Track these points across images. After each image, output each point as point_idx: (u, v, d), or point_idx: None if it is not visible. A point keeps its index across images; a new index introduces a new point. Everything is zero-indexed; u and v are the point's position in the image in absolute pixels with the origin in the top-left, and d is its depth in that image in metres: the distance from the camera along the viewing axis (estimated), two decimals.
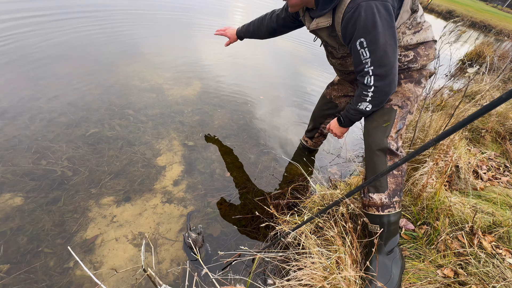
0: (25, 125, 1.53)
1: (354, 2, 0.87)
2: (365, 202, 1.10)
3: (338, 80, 1.52)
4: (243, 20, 4.71)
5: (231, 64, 2.93)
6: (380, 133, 1.07)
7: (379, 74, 0.94)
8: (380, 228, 1.05)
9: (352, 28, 0.90)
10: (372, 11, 0.85)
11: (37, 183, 1.27)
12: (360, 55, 0.93)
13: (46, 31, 2.48)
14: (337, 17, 0.95)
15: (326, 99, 1.59)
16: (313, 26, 1.06)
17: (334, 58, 1.25)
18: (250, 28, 1.52)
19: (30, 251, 1.04)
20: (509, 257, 1.10)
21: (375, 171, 1.05)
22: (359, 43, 0.91)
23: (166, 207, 1.33)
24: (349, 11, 0.88)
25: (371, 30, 0.87)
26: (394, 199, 1.05)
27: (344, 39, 0.97)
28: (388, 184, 1.05)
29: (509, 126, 2.37)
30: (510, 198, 1.53)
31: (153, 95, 2.06)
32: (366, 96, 1.01)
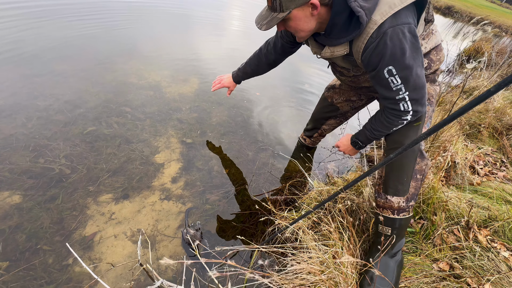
0: (22, 123, 1.53)
1: (379, 31, 0.79)
2: (381, 203, 1.06)
3: (340, 85, 1.48)
4: (240, 15, 4.69)
5: (229, 61, 2.92)
6: (413, 133, 1.00)
7: (416, 98, 0.89)
8: (391, 230, 1.04)
9: (377, 58, 0.83)
10: (398, 37, 0.79)
11: (35, 181, 1.27)
12: (390, 82, 0.86)
13: (40, 28, 2.46)
14: (357, 46, 0.87)
15: (327, 102, 1.56)
16: (327, 55, 0.97)
17: (344, 76, 1.18)
18: (248, 70, 1.46)
19: (29, 249, 1.05)
20: (504, 251, 1.12)
21: (401, 172, 1.00)
22: (387, 71, 0.84)
23: (165, 204, 1.34)
24: (373, 41, 0.81)
25: (400, 57, 0.81)
26: (410, 203, 1.04)
27: (367, 67, 0.90)
28: (409, 188, 1.02)
29: (506, 122, 2.39)
30: (506, 193, 1.54)
31: (151, 93, 2.06)
32: (404, 120, 0.95)
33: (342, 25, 0.84)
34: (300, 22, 0.86)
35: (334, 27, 0.86)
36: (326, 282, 0.84)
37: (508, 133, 2.33)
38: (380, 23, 0.78)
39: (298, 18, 0.84)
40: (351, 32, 0.83)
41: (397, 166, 1.01)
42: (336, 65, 1.12)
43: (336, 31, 0.86)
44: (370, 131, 1.07)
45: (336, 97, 1.50)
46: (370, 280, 0.96)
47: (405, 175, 1.00)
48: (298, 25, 0.87)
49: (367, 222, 1.23)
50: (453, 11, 16.85)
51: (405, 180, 1.01)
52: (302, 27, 0.88)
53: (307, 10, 0.82)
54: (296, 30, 0.90)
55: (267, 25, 0.86)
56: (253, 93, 2.43)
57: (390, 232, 1.04)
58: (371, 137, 1.08)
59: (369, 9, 0.77)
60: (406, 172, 1.00)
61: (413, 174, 1.01)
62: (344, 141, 1.22)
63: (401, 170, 1.00)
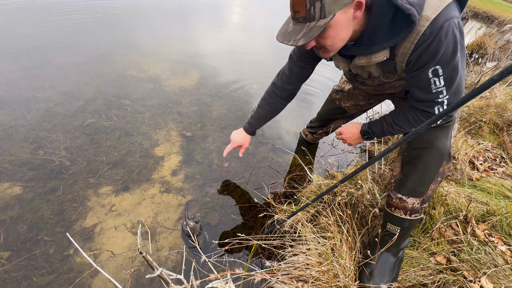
0: (22, 115, 1.52)
1: (433, 27, 0.70)
2: (393, 203, 1.01)
3: (349, 89, 1.41)
4: (241, 9, 4.62)
5: (229, 54, 2.89)
6: (443, 135, 0.92)
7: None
8: (401, 230, 1.01)
9: (428, 57, 0.75)
10: (453, 33, 0.71)
11: (35, 172, 1.28)
12: (431, 84, 0.79)
13: (39, 20, 2.43)
14: (404, 47, 0.78)
15: (334, 105, 1.51)
16: (362, 62, 0.86)
17: (366, 85, 1.08)
18: (262, 112, 1.29)
19: (30, 239, 1.06)
20: (501, 245, 1.13)
21: (424, 174, 0.94)
22: (432, 71, 0.77)
23: (165, 196, 1.34)
24: (426, 39, 0.72)
25: (450, 56, 0.74)
26: (424, 205, 0.99)
27: (411, 69, 0.82)
28: (428, 190, 0.96)
29: (507, 118, 2.38)
30: (504, 188, 1.55)
31: (151, 85, 2.05)
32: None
33: (387, 27, 0.74)
34: (341, 29, 0.73)
35: (376, 32, 0.76)
36: (325, 274, 0.85)
37: (508, 129, 2.32)
38: (433, 18, 0.70)
39: (340, 24, 0.72)
40: (397, 34, 0.74)
41: (422, 168, 0.94)
42: (359, 76, 1.02)
43: (380, 35, 0.76)
44: (389, 125, 0.99)
45: (344, 100, 1.46)
46: (370, 275, 0.97)
47: (427, 177, 0.94)
48: (337, 34, 0.74)
49: (366, 215, 1.24)
50: None
51: (426, 182, 0.95)
52: (342, 36, 0.75)
53: (350, 13, 0.71)
54: (335, 40, 0.76)
55: (306, 37, 0.71)
56: (254, 86, 2.42)
57: (399, 231, 1.01)
58: (388, 131, 1.01)
59: (419, 5, 0.69)
60: (430, 174, 0.94)
61: (435, 177, 0.95)
62: (350, 128, 1.14)
63: (425, 172, 0.94)
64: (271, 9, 5.07)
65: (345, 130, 1.15)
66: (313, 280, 0.81)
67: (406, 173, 0.98)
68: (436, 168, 0.93)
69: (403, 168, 0.99)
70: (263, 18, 4.49)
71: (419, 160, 0.93)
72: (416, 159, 0.94)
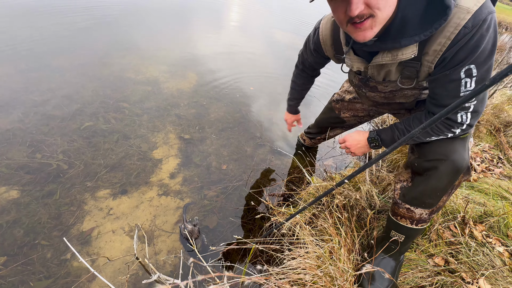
0: (19, 119, 1.52)
1: (476, 19, 0.63)
2: (400, 212, 0.96)
3: (349, 99, 1.38)
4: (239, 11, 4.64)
5: (227, 56, 2.90)
6: (460, 147, 0.84)
7: (479, 110, 0.75)
8: (405, 238, 0.98)
9: (465, 53, 0.67)
10: (495, 28, 0.65)
11: (33, 176, 1.27)
12: (461, 85, 0.71)
13: (36, 23, 2.43)
14: (438, 43, 0.69)
15: (334, 114, 1.50)
16: (386, 60, 0.77)
17: (376, 91, 0.99)
18: (296, 95, 1.45)
19: (26, 244, 1.05)
20: (498, 246, 1.13)
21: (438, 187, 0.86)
22: (466, 71, 0.68)
23: (163, 199, 1.34)
24: (467, 31, 0.64)
25: (488, 55, 0.67)
26: (433, 215, 0.94)
27: (442, 67, 0.73)
28: (438, 202, 0.90)
29: (504, 119, 2.39)
30: (502, 189, 1.55)
31: (149, 88, 2.05)
32: (451, 133, 0.80)
33: (419, 18, 0.66)
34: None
35: (406, 23, 0.68)
36: (323, 278, 0.85)
37: (505, 130, 2.34)
38: (476, 9, 0.63)
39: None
40: (430, 25, 0.65)
41: (435, 180, 0.86)
42: (371, 80, 0.94)
43: (410, 26, 0.68)
44: (401, 132, 0.92)
45: (343, 110, 1.44)
46: (371, 279, 0.97)
47: (440, 190, 0.87)
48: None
49: (365, 217, 1.24)
50: None
51: (438, 194, 0.88)
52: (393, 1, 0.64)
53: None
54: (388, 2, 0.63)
55: None
56: (252, 89, 2.42)
57: (403, 239, 0.99)
58: (399, 138, 0.93)
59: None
60: (443, 187, 0.86)
61: (449, 189, 0.87)
62: (355, 135, 1.05)
63: (438, 185, 0.86)
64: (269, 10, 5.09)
65: (350, 137, 1.06)
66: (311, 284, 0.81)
67: (417, 184, 0.91)
68: (452, 181, 0.85)
69: (415, 179, 0.93)
70: (261, 19, 4.50)
71: (434, 172, 0.85)
72: (431, 170, 0.86)
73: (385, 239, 1.03)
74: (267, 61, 3.06)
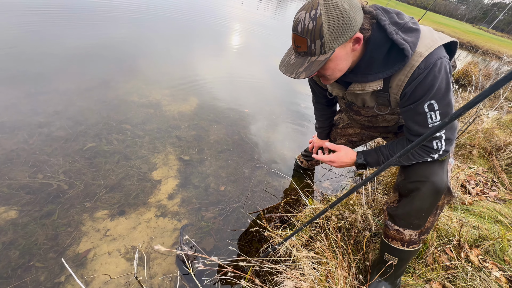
0: (24, 139, 1.56)
1: (428, 62, 0.76)
2: (390, 234, 1.00)
3: (342, 126, 1.47)
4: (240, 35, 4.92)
5: (228, 80, 3.04)
6: (439, 169, 0.91)
7: (451, 138, 0.85)
8: (398, 261, 1.00)
9: (423, 90, 0.78)
10: (446, 71, 0.76)
11: (33, 196, 1.29)
12: (427, 118, 0.81)
13: (46, 48, 2.57)
14: (398, 80, 0.81)
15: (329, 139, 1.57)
16: (357, 90, 0.90)
17: (360, 115, 1.10)
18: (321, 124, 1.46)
19: (21, 266, 1.04)
20: (495, 271, 1.13)
21: (422, 208, 0.92)
22: (428, 105, 0.79)
23: (160, 221, 1.35)
24: (420, 72, 0.77)
25: (444, 92, 0.77)
26: (423, 236, 0.98)
27: (407, 101, 0.84)
28: (425, 223, 0.95)
29: (495, 142, 2.46)
30: (497, 213, 1.57)
31: (151, 111, 2.12)
32: (430, 158, 0.89)
33: (383, 59, 0.80)
34: (341, 61, 0.78)
35: (372, 63, 0.82)
36: None
37: (497, 153, 2.40)
38: (427, 54, 0.75)
39: (339, 57, 0.77)
40: (392, 66, 0.79)
41: (419, 202, 0.92)
42: (354, 104, 1.05)
43: (376, 65, 0.81)
44: (386, 156, 1.00)
45: (338, 137, 1.50)
46: None
47: (425, 211, 0.93)
48: (337, 65, 0.79)
49: (361, 240, 1.24)
50: None
51: (424, 215, 0.94)
52: (341, 67, 0.80)
53: (348, 47, 0.77)
54: (334, 71, 0.81)
55: (307, 71, 0.75)
56: (251, 111, 2.51)
57: (397, 262, 1.00)
58: (383, 162, 1.01)
59: (413, 42, 0.75)
60: (427, 208, 0.92)
61: (433, 210, 0.94)
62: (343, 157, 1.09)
63: (422, 206, 0.92)
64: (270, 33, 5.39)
65: (338, 160, 1.11)
66: None
67: (403, 205, 0.96)
68: (434, 202, 0.91)
69: (401, 201, 0.98)
70: (261, 43, 4.76)
71: (417, 193, 0.92)
72: (414, 192, 0.93)
73: (380, 262, 1.04)
74: (265, 85, 3.20)
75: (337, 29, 0.70)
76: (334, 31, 0.70)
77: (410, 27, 0.78)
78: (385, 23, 0.77)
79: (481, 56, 12.96)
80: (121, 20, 3.91)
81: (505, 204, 1.76)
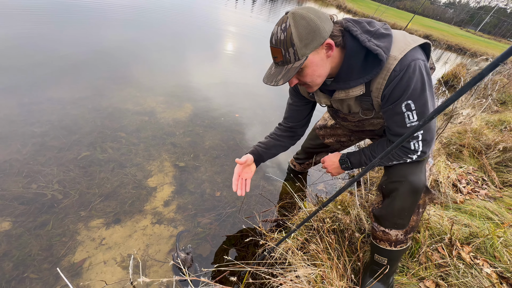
0: (17, 150, 1.55)
1: (402, 64, 0.80)
2: (377, 235, 1.04)
3: (331, 125, 1.51)
4: (234, 41, 4.98)
5: (222, 86, 3.07)
6: (417, 169, 0.95)
7: (428, 139, 0.89)
8: (388, 261, 1.03)
9: (400, 91, 0.83)
10: (420, 71, 0.81)
11: (27, 207, 1.28)
12: (405, 118, 0.86)
13: (38, 58, 2.57)
14: (377, 83, 0.86)
15: (318, 140, 1.62)
16: (341, 96, 0.94)
17: (347, 121, 1.15)
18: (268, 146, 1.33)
19: (15, 277, 1.03)
20: (486, 267, 1.16)
21: (403, 208, 0.96)
22: (405, 105, 0.84)
23: (156, 228, 1.35)
24: (396, 74, 0.81)
25: (420, 92, 0.82)
26: (409, 235, 1.01)
27: (386, 102, 0.88)
28: (409, 222, 0.98)
29: (484, 142, 2.53)
30: (487, 210, 1.61)
31: (146, 118, 2.13)
32: (409, 158, 0.93)
33: (360, 66, 0.85)
34: (317, 67, 0.83)
35: (350, 70, 0.86)
36: None
37: (487, 152, 2.46)
38: (401, 57, 0.80)
39: (315, 63, 0.82)
40: (370, 71, 0.84)
41: (399, 201, 0.96)
42: (340, 112, 1.10)
43: (354, 72, 0.86)
44: (367, 157, 1.04)
45: (327, 136, 1.55)
46: None
47: (407, 210, 0.96)
48: (315, 71, 0.84)
49: (356, 241, 1.26)
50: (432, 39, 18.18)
51: (406, 214, 0.97)
52: (320, 72, 0.85)
53: (322, 53, 0.82)
54: (313, 77, 0.86)
55: (284, 77, 0.81)
56: (246, 117, 2.54)
57: (386, 262, 1.03)
58: (365, 163, 1.05)
59: (386, 46, 0.80)
60: (408, 207, 0.95)
61: (415, 209, 0.97)
62: (332, 157, 1.18)
63: (403, 205, 0.95)
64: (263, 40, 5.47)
65: (328, 158, 1.21)
66: None
67: (386, 206, 1.00)
68: (414, 201, 0.95)
69: (384, 201, 1.01)
70: (254, 49, 4.82)
71: (396, 193, 0.96)
72: (394, 192, 0.97)
73: (372, 263, 1.07)
74: (259, 91, 3.23)
75: (306, 37, 0.77)
76: (303, 38, 0.77)
77: (382, 33, 0.83)
78: (356, 33, 0.83)
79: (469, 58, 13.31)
80: (114, 25, 3.94)
81: (495, 201, 1.80)
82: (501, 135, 2.62)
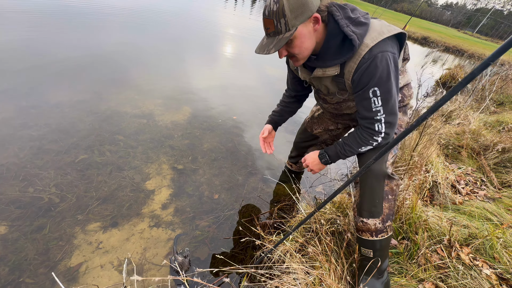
0: (14, 153, 1.55)
1: (371, 53, 0.87)
2: (359, 226, 1.11)
3: (318, 115, 1.58)
4: (232, 44, 5.00)
5: (220, 89, 3.07)
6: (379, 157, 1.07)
7: (390, 121, 0.97)
8: (373, 252, 1.07)
9: (367, 78, 0.90)
10: (387, 62, 0.88)
11: (23, 211, 1.27)
12: (372, 103, 0.94)
13: (37, 62, 2.57)
14: (349, 66, 0.94)
15: (307, 133, 1.65)
16: (319, 74, 1.02)
17: (327, 103, 1.24)
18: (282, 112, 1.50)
19: (11, 282, 1.02)
20: (486, 268, 1.15)
21: (373, 196, 1.06)
22: (372, 91, 0.92)
23: (154, 231, 1.34)
24: (365, 62, 0.88)
25: (385, 81, 0.90)
26: (387, 223, 1.07)
27: (356, 87, 0.97)
28: (383, 209, 1.06)
29: (482, 143, 2.53)
30: (486, 211, 1.60)
31: (144, 121, 2.13)
32: (375, 141, 1.01)
33: (336, 47, 0.92)
34: (305, 39, 0.89)
35: (328, 50, 0.94)
36: None
37: (485, 153, 2.46)
38: (371, 46, 0.87)
39: (303, 35, 0.88)
40: (345, 54, 0.91)
41: (368, 190, 1.06)
42: (320, 92, 1.19)
43: (331, 53, 0.94)
44: (341, 146, 1.11)
45: (315, 126, 1.60)
46: None
47: (377, 197, 1.05)
48: (303, 43, 0.90)
49: (353, 243, 1.25)
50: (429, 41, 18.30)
51: (377, 202, 1.05)
52: (307, 45, 0.91)
53: (310, 26, 0.88)
54: (301, 49, 0.92)
55: (276, 46, 0.87)
56: (245, 120, 2.54)
57: (372, 254, 1.06)
58: (341, 153, 1.11)
59: (360, 34, 0.87)
60: (377, 194, 1.05)
61: (384, 195, 1.06)
62: (311, 154, 1.23)
63: (372, 193, 1.05)
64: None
65: (308, 156, 1.24)
66: None
67: (361, 196, 1.09)
68: (380, 188, 1.04)
69: (360, 192, 1.11)
70: (253, 51, 4.84)
71: (364, 183, 1.07)
72: (362, 182, 1.08)
73: (362, 260, 1.10)
74: (258, 93, 3.24)
75: (297, 9, 0.83)
76: (294, 10, 0.83)
77: (360, 21, 0.89)
78: (338, 17, 0.90)
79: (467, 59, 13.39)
80: (113, 28, 3.95)
81: (494, 202, 1.80)
82: (499, 136, 2.63)
